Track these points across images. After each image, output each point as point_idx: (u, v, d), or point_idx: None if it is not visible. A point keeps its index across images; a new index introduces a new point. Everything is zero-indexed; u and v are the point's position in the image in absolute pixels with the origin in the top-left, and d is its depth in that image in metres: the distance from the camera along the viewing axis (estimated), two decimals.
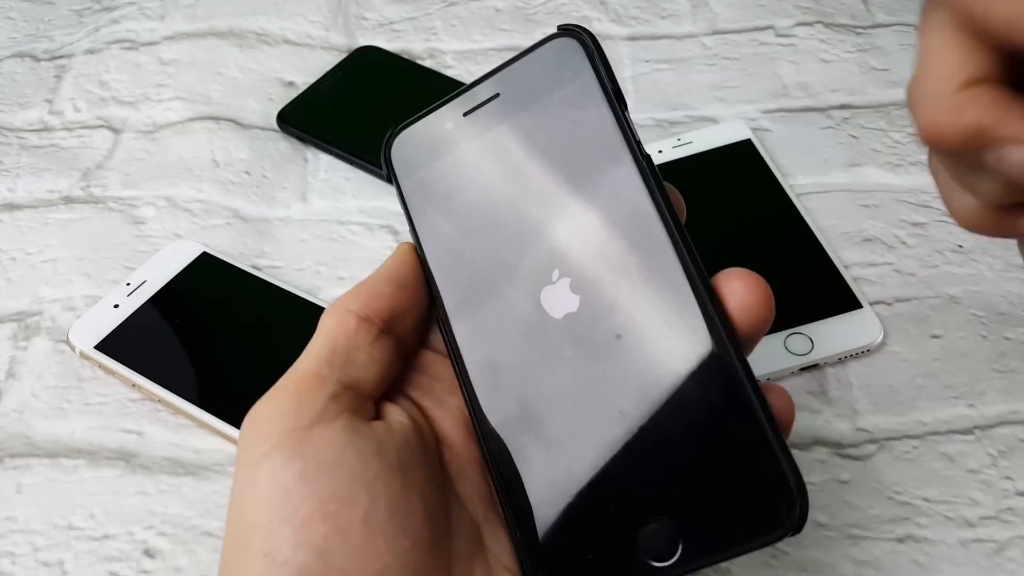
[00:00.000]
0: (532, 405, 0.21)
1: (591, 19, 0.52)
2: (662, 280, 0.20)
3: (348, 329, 0.23)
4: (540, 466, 0.21)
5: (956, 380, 0.35)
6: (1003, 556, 0.30)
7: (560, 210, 0.22)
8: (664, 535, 0.19)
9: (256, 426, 0.21)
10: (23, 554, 0.32)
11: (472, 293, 0.23)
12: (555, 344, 0.21)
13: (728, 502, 0.19)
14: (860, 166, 0.43)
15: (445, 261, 0.24)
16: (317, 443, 0.21)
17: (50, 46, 0.52)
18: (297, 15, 0.53)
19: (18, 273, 0.41)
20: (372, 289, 0.24)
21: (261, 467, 0.20)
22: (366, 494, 0.20)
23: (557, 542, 0.20)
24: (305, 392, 0.22)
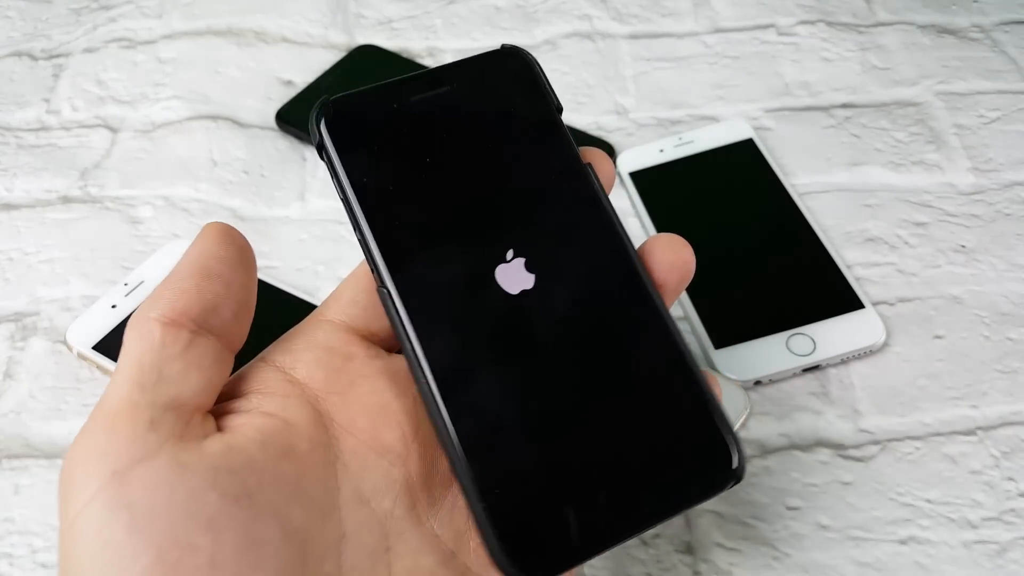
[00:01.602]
0: (491, 374, 0.21)
1: (592, 17, 0.51)
2: (605, 256, 0.23)
3: (153, 341, 0.20)
4: (500, 433, 0.21)
5: (959, 381, 0.35)
6: (1005, 557, 0.30)
7: (509, 195, 0.23)
8: (622, 490, 0.20)
9: (72, 473, 0.18)
10: (21, 555, 0.31)
11: (424, 269, 0.22)
12: (512, 318, 0.22)
13: (675, 455, 0.21)
14: (862, 165, 0.43)
15: (390, 236, 0.22)
16: (141, 486, 0.18)
17: (48, 45, 0.52)
18: (296, 13, 0.52)
19: (15, 273, 0.41)
20: (173, 288, 0.20)
21: (82, 522, 0.17)
22: (207, 534, 0.17)
23: (518, 504, 0.20)
24: (119, 426, 0.18)
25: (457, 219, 0.23)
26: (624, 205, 0.42)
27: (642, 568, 0.31)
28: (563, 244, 0.23)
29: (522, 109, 0.24)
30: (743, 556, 0.31)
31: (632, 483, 0.21)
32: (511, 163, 0.23)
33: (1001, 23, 0.50)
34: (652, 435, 0.21)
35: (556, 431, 0.21)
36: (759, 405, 0.35)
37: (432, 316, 0.22)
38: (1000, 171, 0.43)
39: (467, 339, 0.22)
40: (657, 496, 0.21)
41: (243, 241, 0.22)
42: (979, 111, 0.45)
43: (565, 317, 0.22)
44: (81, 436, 0.19)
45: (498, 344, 0.22)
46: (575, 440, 0.21)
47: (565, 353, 0.22)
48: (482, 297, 0.22)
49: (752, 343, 0.36)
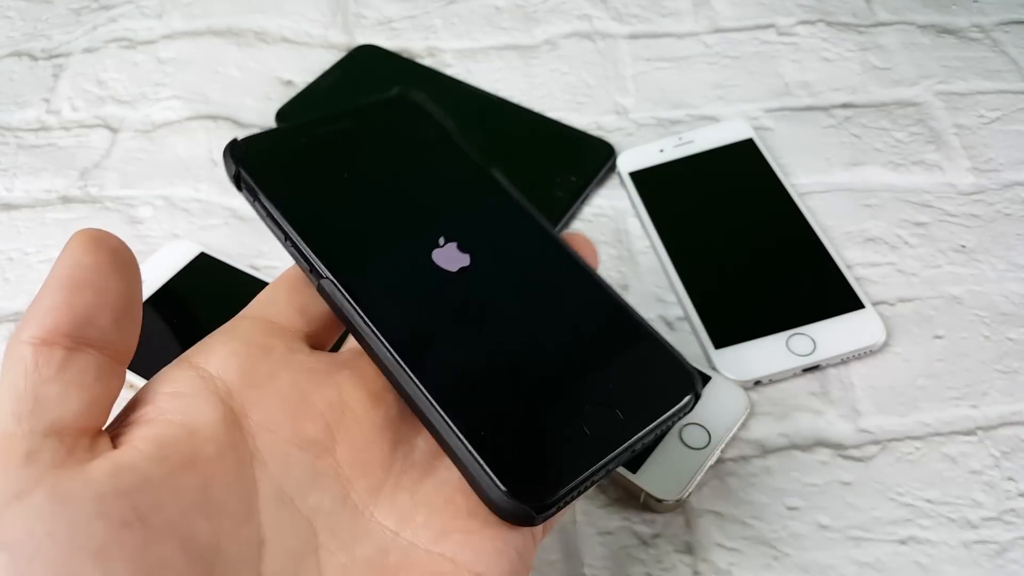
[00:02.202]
0: (452, 337, 0.22)
1: (592, 17, 0.51)
2: (528, 231, 0.25)
3: (26, 365, 0.18)
4: (471, 382, 0.22)
5: (959, 381, 0.35)
6: (1005, 558, 0.30)
7: (426, 196, 0.26)
8: (596, 414, 0.22)
9: None
10: None
11: (363, 259, 0.23)
12: (458, 290, 0.23)
13: (634, 377, 0.23)
14: (862, 165, 0.43)
15: (324, 237, 0.23)
16: (19, 527, 0.16)
17: (48, 45, 0.52)
18: (296, 13, 0.52)
19: (15, 273, 0.40)
20: (41, 306, 0.19)
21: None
22: (97, 568, 0.16)
23: (507, 441, 0.21)
24: (2, 462, 0.17)
25: (385, 218, 0.24)
26: (624, 205, 0.42)
27: (642, 568, 0.31)
28: (488, 226, 0.25)
29: (420, 134, 0.27)
30: (743, 556, 0.31)
31: (602, 406, 0.22)
32: (424, 177, 0.26)
33: (1001, 23, 0.50)
34: (609, 363, 0.23)
35: (522, 375, 0.22)
36: (759, 405, 0.35)
37: (381, 297, 0.23)
38: (1000, 171, 0.43)
39: (420, 312, 0.23)
40: (628, 414, 0.22)
41: (116, 243, 0.20)
42: (979, 111, 0.45)
43: (509, 281, 0.24)
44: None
45: (450, 313, 0.23)
46: (541, 381, 0.22)
47: (516, 311, 0.23)
48: (426, 277, 0.23)
49: (752, 343, 0.36)
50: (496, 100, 0.47)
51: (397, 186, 0.25)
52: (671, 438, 0.33)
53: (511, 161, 0.44)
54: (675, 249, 0.39)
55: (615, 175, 0.44)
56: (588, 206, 0.43)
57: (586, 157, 0.44)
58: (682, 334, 0.37)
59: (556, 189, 0.42)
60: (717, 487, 0.32)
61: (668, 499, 0.31)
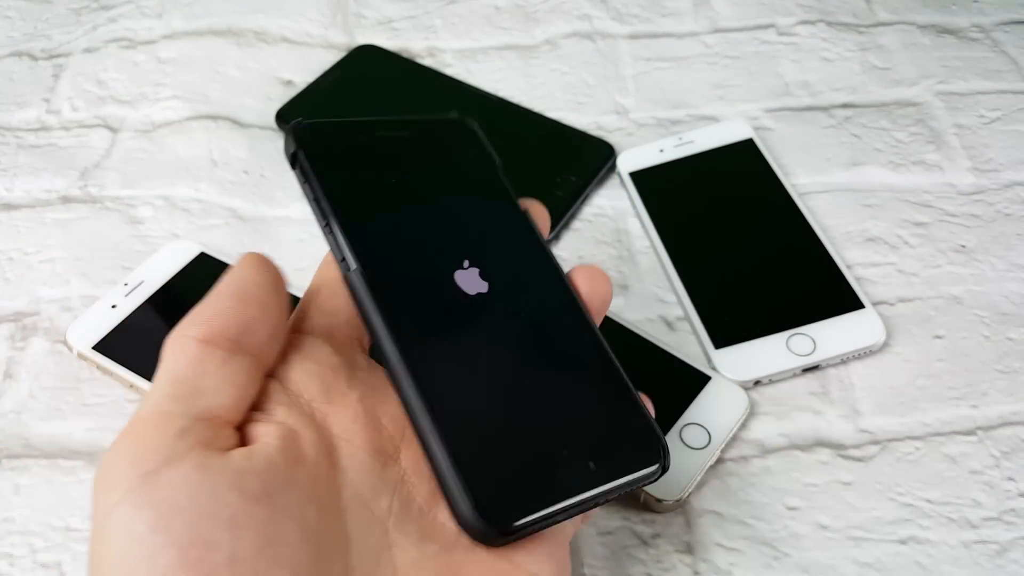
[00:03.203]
0: (455, 356, 0.24)
1: (592, 17, 0.51)
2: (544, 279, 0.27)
3: (190, 357, 0.21)
4: (465, 405, 0.23)
5: (959, 381, 0.35)
6: (1006, 558, 0.30)
7: (463, 222, 0.27)
8: (571, 458, 0.23)
9: (103, 477, 0.19)
10: (21, 556, 0.31)
11: (392, 264, 0.24)
12: (470, 313, 0.25)
13: (619, 442, 0.24)
14: (862, 165, 0.43)
15: (360, 234, 0.24)
16: (167, 487, 0.19)
17: (48, 45, 0.52)
18: (296, 13, 0.52)
19: (15, 273, 0.41)
20: (212, 309, 0.22)
21: (111, 520, 0.19)
22: (228, 533, 0.19)
23: (485, 465, 0.22)
24: (150, 433, 0.20)
25: (421, 229, 0.26)
26: (624, 205, 0.42)
27: (642, 568, 0.31)
28: (510, 261, 0.26)
29: (469, 160, 0.29)
30: (743, 556, 0.31)
31: (578, 454, 0.23)
32: (463, 200, 0.27)
33: (1001, 23, 0.50)
34: (592, 417, 0.24)
35: (512, 408, 0.23)
36: (759, 405, 0.35)
37: (400, 300, 0.24)
38: (1000, 171, 0.43)
39: (432, 323, 0.24)
40: (600, 467, 0.23)
41: (277, 270, 0.24)
42: (979, 111, 0.45)
43: (519, 319, 0.25)
44: (115, 442, 0.20)
45: (459, 333, 0.24)
46: (528, 418, 0.23)
47: (520, 348, 0.25)
48: (444, 292, 0.25)
49: (752, 343, 0.36)
50: (496, 100, 0.47)
51: (438, 202, 0.27)
52: (671, 438, 0.33)
53: (511, 161, 0.44)
54: (675, 249, 0.39)
55: (615, 175, 0.44)
56: (588, 206, 0.43)
57: (586, 157, 0.44)
58: (682, 334, 0.37)
59: (556, 189, 0.42)
60: (717, 487, 0.32)
61: (668, 499, 0.31)
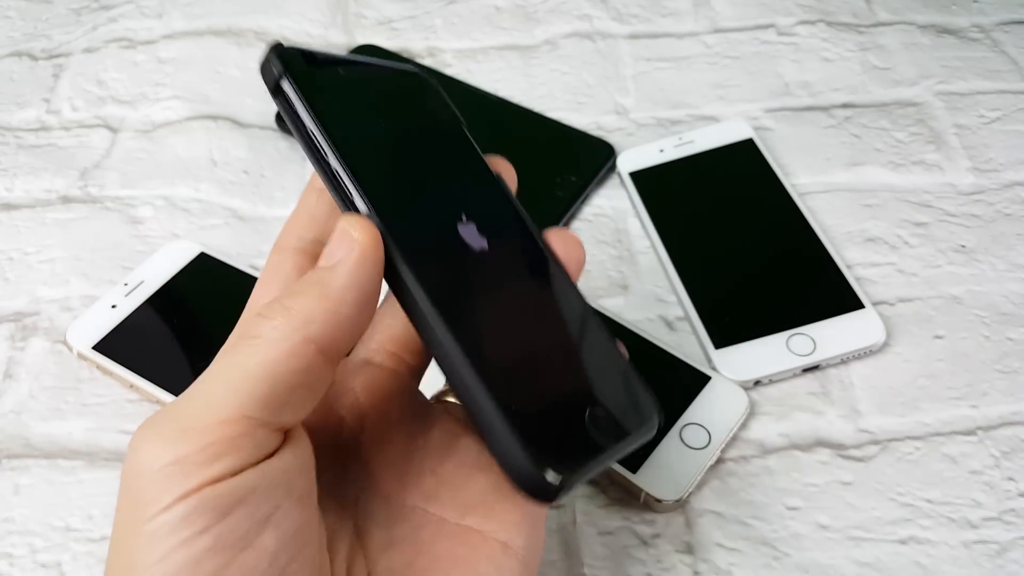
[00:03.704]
0: (488, 320, 0.22)
1: (592, 17, 0.51)
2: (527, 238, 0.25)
3: (301, 364, 0.19)
4: (503, 361, 0.22)
5: (959, 381, 0.35)
6: (1005, 557, 0.30)
7: (454, 169, 0.25)
8: (601, 416, 0.22)
9: (162, 467, 0.18)
10: (21, 555, 0.31)
11: (400, 208, 0.22)
12: (485, 271, 0.23)
13: (626, 398, 0.23)
14: (862, 165, 0.43)
15: (371, 179, 0.22)
16: (228, 493, 0.18)
17: (48, 45, 0.52)
18: (296, 13, 0.52)
19: (15, 273, 0.41)
20: (337, 315, 0.20)
21: (164, 519, 0.18)
22: (273, 536, 0.19)
23: (534, 419, 0.21)
24: (228, 439, 0.19)
25: (420, 181, 0.24)
26: (624, 205, 0.42)
27: (642, 568, 0.31)
28: (500, 220, 0.25)
29: (441, 115, 0.27)
30: (743, 556, 0.31)
31: (603, 409, 0.22)
32: (447, 154, 0.26)
33: (1001, 23, 0.50)
34: (604, 376, 0.24)
35: (543, 366, 0.23)
36: (759, 405, 0.35)
37: (421, 253, 0.22)
38: (1000, 171, 0.43)
39: (454, 277, 0.22)
40: (622, 422, 0.23)
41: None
42: (979, 111, 0.45)
43: (519, 276, 0.24)
44: (176, 432, 0.19)
45: (481, 290, 0.23)
46: (558, 375, 0.23)
47: (532, 309, 0.24)
48: (454, 245, 0.23)
49: (752, 343, 0.36)
50: (496, 100, 0.47)
51: (428, 152, 0.25)
52: (671, 438, 0.33)
53: (511, 161, 0.44)
54: (675, 249, 0.39)
55: (615, 175, 0.44)
56: (588, 206, 0.43)
57: (586, 157, 0.44)
58: (682, 334, 0.37)
59: (556, 189, 0.42)
60: (717, 487, 0.32)
61: (668, 499, 0.31)
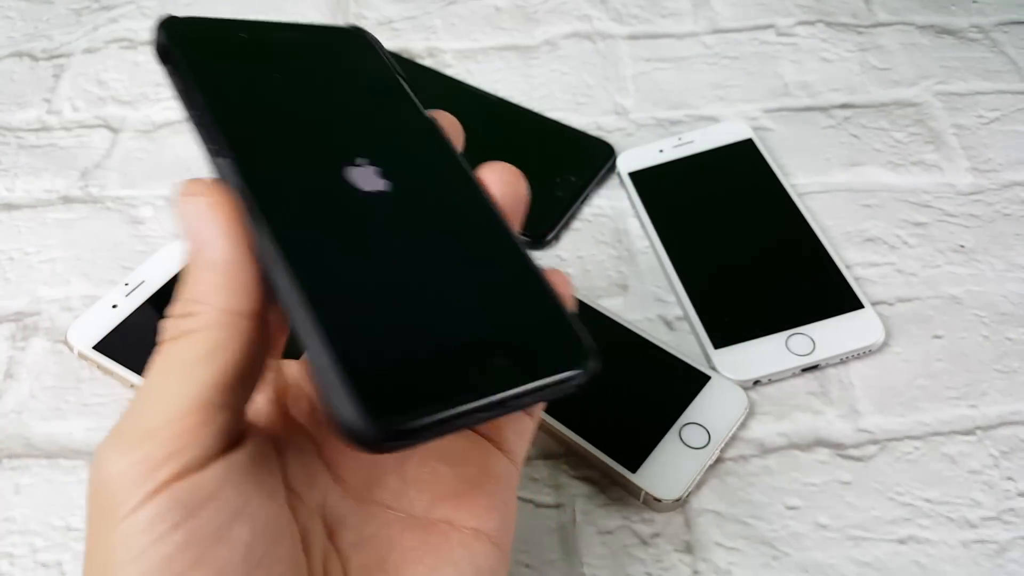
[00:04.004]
0: (344, 254, 0.21)
1: (591, 17, 0.52)
2: (448, 170, 0.24)
3: (246, 340, 0.19)
4: (358, 299, 0.20)
5: (958, 381, 0.35)
6: (1005, 557, 0.30)
7: (359, 116, 0.24)
8: (483, 360, 0.20)
9: (123, 472, 0.18)
10: (22, 555, 0.32)
11: (273, 155, 0.22)
12: (362, 208, 0.22)
13: (535, 343, 0.21)
14: (861, 165, 0.43)
15: (242, 126, 0.22)
16: (199, 487, 0.18)
17: (48, 45, 0.52)
18: (296, 14, 0.53)
19: (16, 273, 0.41)
20: (246, 275, 0.20)
21: (132, 521, 0.18)
22: (246, 528, 0.19)
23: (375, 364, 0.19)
24: (192, 427, 0.19)
25: (306, 124, 0.23)
26: (624, 205, 0.42)
27: (642, 567, 0.31)
28: (413, 162, 0.24)
29: (367, 66, 0.26)
30: (742, 555, 0.31)
31: (488, 352, 0.20)
32: (358, 101, 0.25)
33: (1000, 23, 0.50)
34: (504, 315, 0.21)
35: (408, 301, 0.20)
36: (758, 405, 0.35)
37: (277, 191, 0.21)
38: (999, 171, 0.43)
39: (315, 213, 0.21)
40: (513, 368, 0.20)
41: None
42: (978, 111, 0.46)
43: (419, 215, 0.22)
44: (143, 428, 0.19)
45: (348, 224, 0.21)
46: (429, 311, 0.20)
47: (419, 243, 0.22)
48: (332, 186, 0.22)
49: (751, 343, 0.36)
50: (496, 100, 0.47)
51: (328, 100, 0.24)
52: (671, 437, 0.33)
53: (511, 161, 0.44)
54: (675, 249, 0.39)
55: (615, 175, 0.44)
56: (588, 206, 0.43)
57: (586, 157, 0.44)
58: (681, 334, 0.37)
59: (556, 189, 0.42)
60: (716, 486, 0.32)
61: (668, 498, 0.31)
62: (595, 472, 0.33)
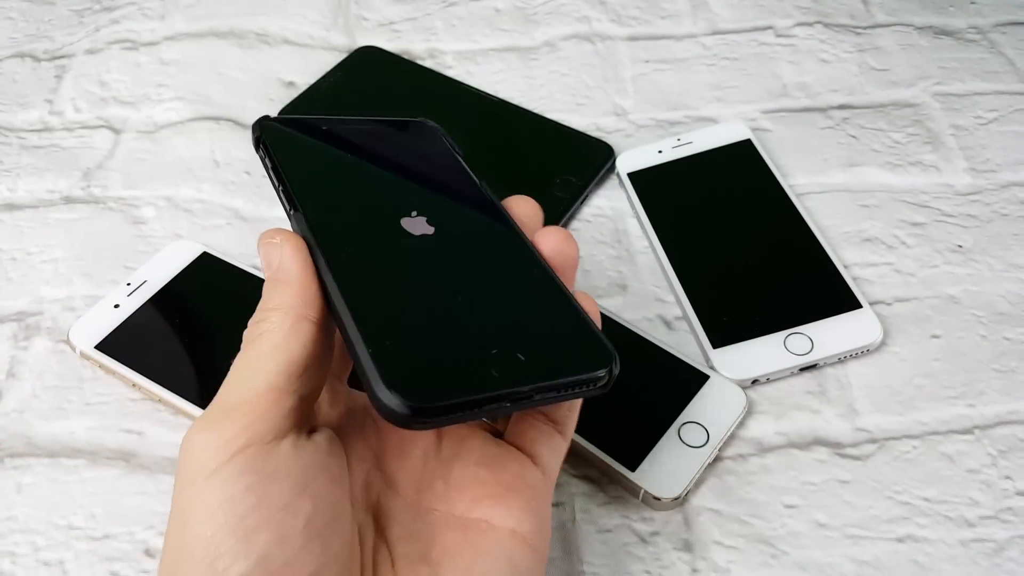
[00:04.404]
0: (389, 274, 0.25)
1: (591, 19, 0.52)
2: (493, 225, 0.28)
3: (306, 339, 0.23)
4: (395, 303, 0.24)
5: (956, 380, 0.35)
6: (1003, 556, 0.31)
7: (418, 184, 0.29)
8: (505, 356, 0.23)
9: (207, 442, 0.22)
10: (24, 554, 0.32)
11: (342, 220, 0.27)
12: (412, 245, 0.26)
13: (559, 347, 0.24)
14: (859, 166, 0.43)
15: (315, 200, 0.27)
16: (270, 458, 0.22)
17: (50, 46, 0.52)
18: (297, 15, 0.53)
19: (18, 273, 0.41)
20: (310, 288, 0.24)
21: (211, 482, 0.21)
22: (311, 503, 0.22)
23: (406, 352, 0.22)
24: (264, 407, 0.22)
25: (372, 192, 0.28)
26: (623, 205, 0.43)
27: (641, 566, 0.31)
28: (458, 211, 0.28)
29: (431, 149, 0.31)
30: (741, 554, 0.31)
31: (509, 350, 0.23)
32: (418, 171, 0.30)
33: (998, 24, 0.50)
34: (529, 321, 0.25)
35: (441, 306, 0.24)
36: (757, 404, 0.35)
37: (338, 237, 0.25)
38: (997, 172, 0.43)
39: (368, 252, 0.25)
40: (533, 364, 0.23)
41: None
42: (976, 112, 0.46)
43: (458, 248, 0.26)
44: (222, 408, 0.22)
45: (397, 256, 0.26)
46: (456, 312, 0.24)
47: (458, 266, 0.26)
48: (388, 231, 0.26)
49: (750, 342, 0.36)
50: (496, 101, 0.47)
51: (389, 170, 0.30)
52: (670, 436, 0.33)
53: (511, 162, 0.44)
54: (674, 249, 0.39)
55: (614, 176, 0.44)
56: (587, 206, 0.43)
57: (585, 158, 0.44)
58: (680, 334, 0.37)
59: (556, 189, 0.42)
60: (715, 485, 0.33)
61: (667, 497, 0.31)
62: (594, 471, 0.33)
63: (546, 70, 0.49)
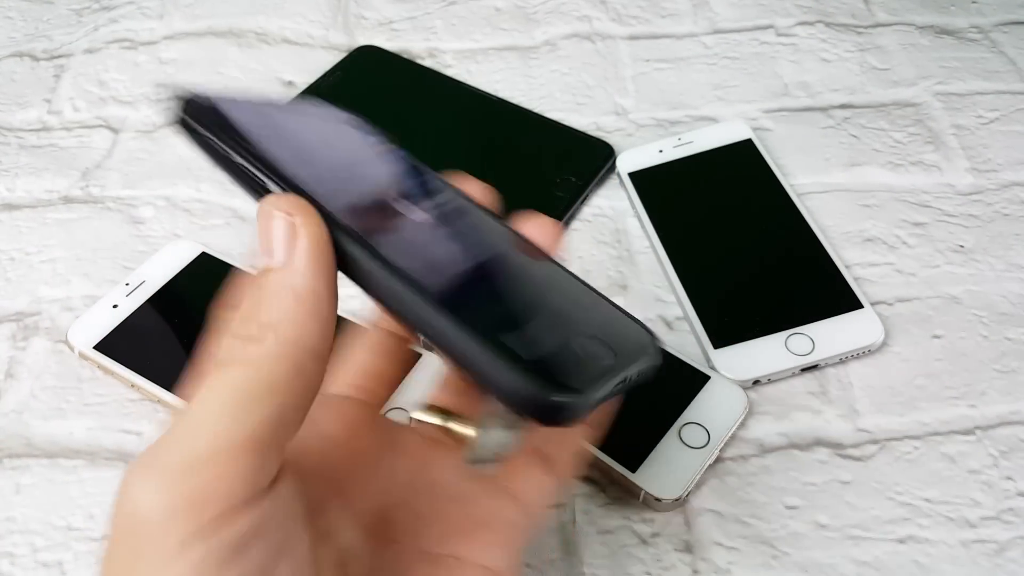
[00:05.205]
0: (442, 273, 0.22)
1: (591, 18, 0.52)
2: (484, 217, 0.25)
3: (304, 377, 0.18)
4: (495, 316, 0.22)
5: (957, 380, 0.35)
6: (1004, 557, 0.30)
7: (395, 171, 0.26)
8: (596, 347, 0.22)
9: (169, 502, 0.17)
10: (22, 555, 0.32)
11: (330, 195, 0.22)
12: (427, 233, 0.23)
13: (619, 333, 0.24)
14: (861, 166, 0.43)
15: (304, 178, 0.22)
16: (247, 525, 0.18)
17: (49, 46, 0.52)
18: (296, 14, 0.53)
19: (17, 273, 0.41)
20: (329, 312, 0.19)
21: (179, 560, 0.17)
22: (288, 565, 0.18)
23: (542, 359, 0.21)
24: (242, 466, 0.17)
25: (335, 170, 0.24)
26: (623, 205, 0.42)
27: (642, 567, 0.31)
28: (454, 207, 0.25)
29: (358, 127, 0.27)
30: (742, 555, 0.31)
31: (596, 341, 0.22)
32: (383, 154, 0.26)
33: (999, 24, 0.50)
34: (592, 311, 0.24)
35: (528, 306, 0.23)
36: (758, 405, 0.35)
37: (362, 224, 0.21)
38: (998, 171, 0.43)
39: (404, 242, 0.22)
40: (619, 353, 0.22)
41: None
42: (977, 111, 0.46)
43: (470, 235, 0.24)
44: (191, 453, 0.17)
45: (428, 247, 0.23)
46: (542, 310, 0.23)
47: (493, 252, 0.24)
48: (393, 216, 0.22)
49: (751, 343, 0.36)
50: (496, 101, 0.47)
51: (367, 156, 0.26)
52: (670, 437, 0.33)
53: (511, 161, 0.44)
54: (674, 249, 0.39)
55: (615, 175, 0.44)
56: (588, 206, 0.43)
57: (586, 158, 0.44)
58: (681, 334, 0.37)
59: (556, 189, 0.42)
60: (716, 486, 0.32)
61: (667, 498, 0.31)
62: (595, 472, 0.33)
63: (546, 69, 0.49)
